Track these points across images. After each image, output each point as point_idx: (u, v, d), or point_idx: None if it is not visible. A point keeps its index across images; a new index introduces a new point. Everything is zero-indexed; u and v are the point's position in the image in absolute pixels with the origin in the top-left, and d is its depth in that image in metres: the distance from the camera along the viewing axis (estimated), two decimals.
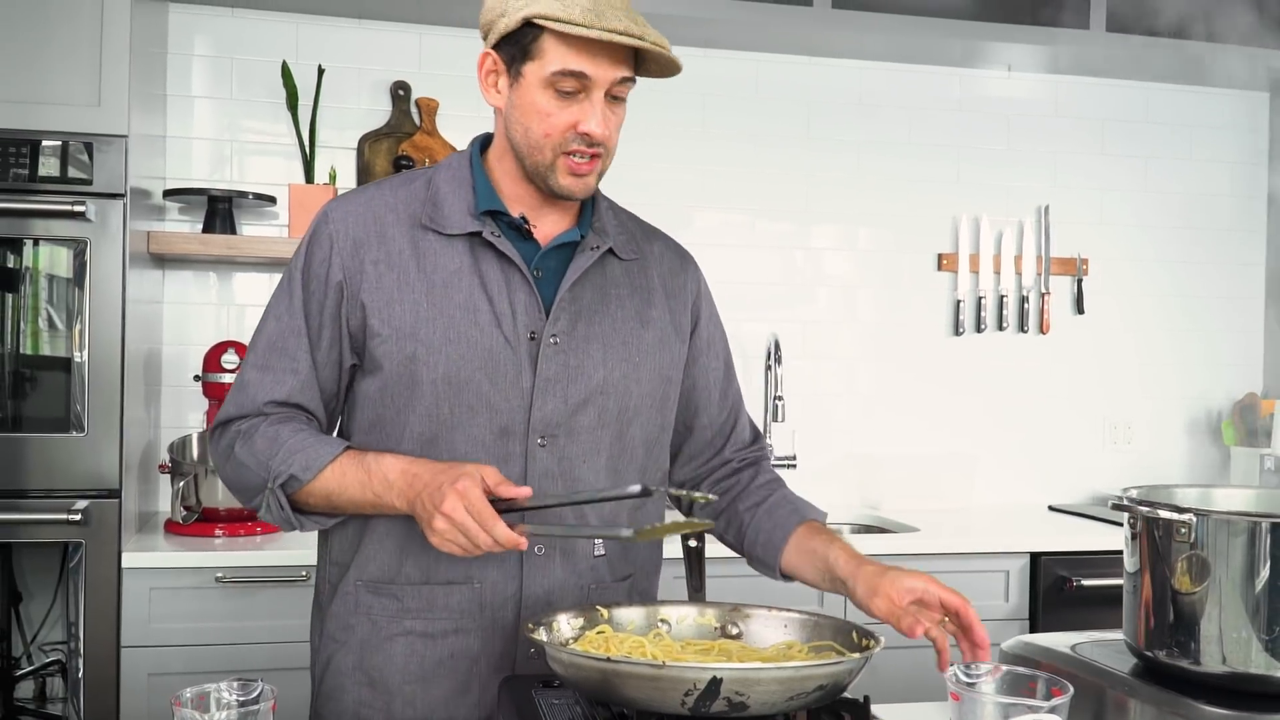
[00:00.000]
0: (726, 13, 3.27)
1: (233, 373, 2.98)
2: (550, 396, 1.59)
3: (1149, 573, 1.46)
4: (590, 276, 1.65)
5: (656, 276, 1.73)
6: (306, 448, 1.55)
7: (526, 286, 1.60)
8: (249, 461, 1.58)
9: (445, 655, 1.61)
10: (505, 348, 1.58)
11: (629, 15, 1.51)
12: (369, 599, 1.64)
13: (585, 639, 1.38)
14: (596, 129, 1.54)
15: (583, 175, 1.58)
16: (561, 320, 1.61)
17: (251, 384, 1.62)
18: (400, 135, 3.34)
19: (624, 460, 1.66)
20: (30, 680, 2.96)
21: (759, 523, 1.72)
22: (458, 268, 1.59)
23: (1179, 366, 3.95)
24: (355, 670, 1.64)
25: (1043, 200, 3.84)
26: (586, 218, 1.69)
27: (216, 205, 3.10)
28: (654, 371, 1.68)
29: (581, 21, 1.47)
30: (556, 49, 1.51)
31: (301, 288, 1.62)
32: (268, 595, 2.69)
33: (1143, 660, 1.50)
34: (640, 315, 1.68)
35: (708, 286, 1.83)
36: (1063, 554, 3.12)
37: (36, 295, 2.69)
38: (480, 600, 1.61)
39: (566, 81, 1.52)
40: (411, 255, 1.59)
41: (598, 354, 1.62)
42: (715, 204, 3.61)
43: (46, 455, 2.65)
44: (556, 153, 1.56)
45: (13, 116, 2.62)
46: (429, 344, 1.57)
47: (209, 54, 3.27)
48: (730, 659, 1.35)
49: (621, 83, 1.55)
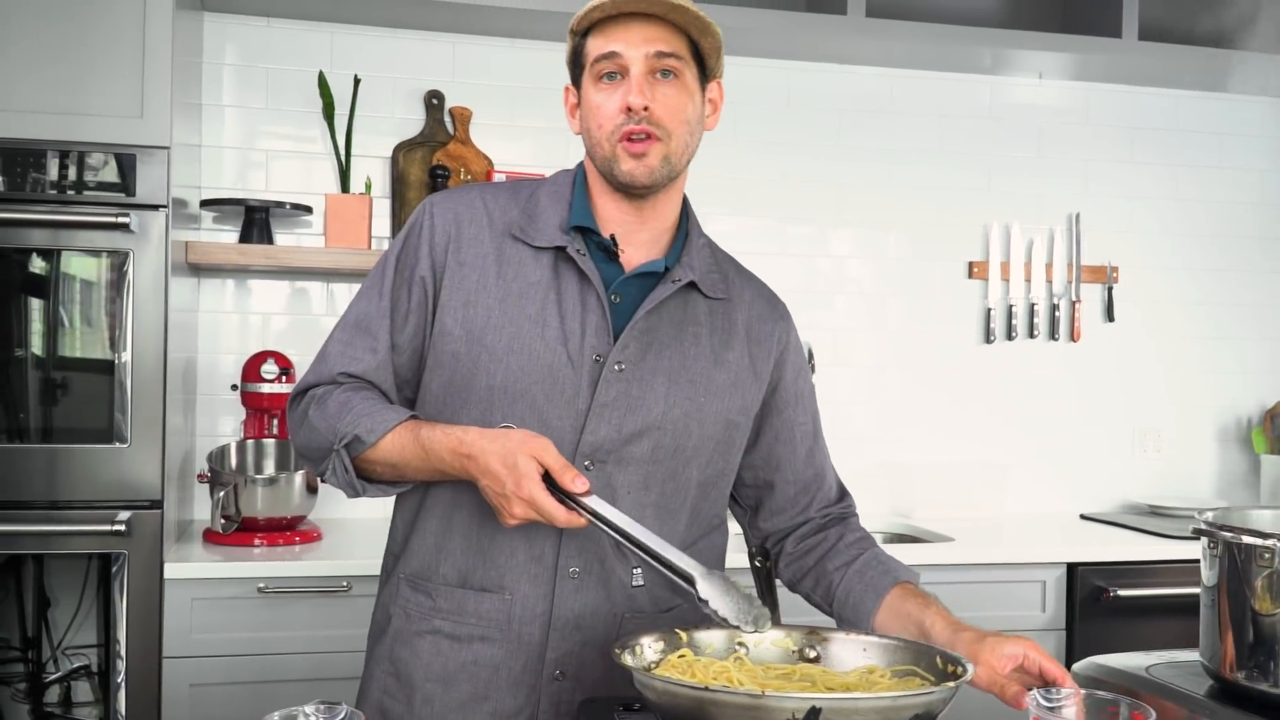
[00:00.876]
0: (760, 21, 3.27)
1: (271, 382, 2.99)
2: (604, 422, 1.58)
3: (1228, 596, 1.46)
4: (668, 308, 1.64)
5: (742, 320, 1.71)
6: (374, 412, 1.57)
7: (600, 309, 1.60)
8: (320, 425, 1.60)
9: (468, 660, 1.62)
10: (567, 366, 1.58)
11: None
12: (408, 592, 1.66)
13: (667, 663, 1.38)
14: (635, 98, 1.55)
15: (640, 155, 1.58)
16: (630, 348, 1.60)
17: (331, 355, 1.66)
18: (434, 144, 3.34)
19: (676, 499, 1.65)
20: (56, 686, 2.96)
21: (849, 583, 1.68)
22: (537, 280, 1.60)
23: (1208, 374, 3.95)
24: (385, 659, 1.67)
25: (1073, 208, 3.84)
26: (677, 249, 1.69)
27: (254, 215, 3.10)
28: (719, 414, 1.66)
29: (597, 3, 1.54)
30: (594, 42, 1.58)
31: (394, 273, 1.65)
32: (309, 605, 2.69)
33: (1220, 683, 1.50)
34: (716, 355, 1.66)
35: (799, 341, 1.81)
36: (1099, 564, 3.12)
37: (78, 306, 2.69)
38: (509, 612, 1.61)
39: (604, 65, 1.57)
40: (495, 261, 1.61)
41: (662, 387, 1.61)
42: (744, 211, 3.61)
43: (89, 466, 2.65)
44: (613, 141, 1.58)
45: (56, 128, 2.62)
46: (492, 351, 1.58)
47: (244, 63, 3.27)
48: (814, 684, 1.35)
49: (660, 57, 1.56)
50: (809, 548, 1.75)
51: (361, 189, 3.27)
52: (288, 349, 3.21)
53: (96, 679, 2.98)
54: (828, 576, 1.71)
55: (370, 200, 3.19)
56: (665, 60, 1.56)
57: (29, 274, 2.67)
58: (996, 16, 3.74)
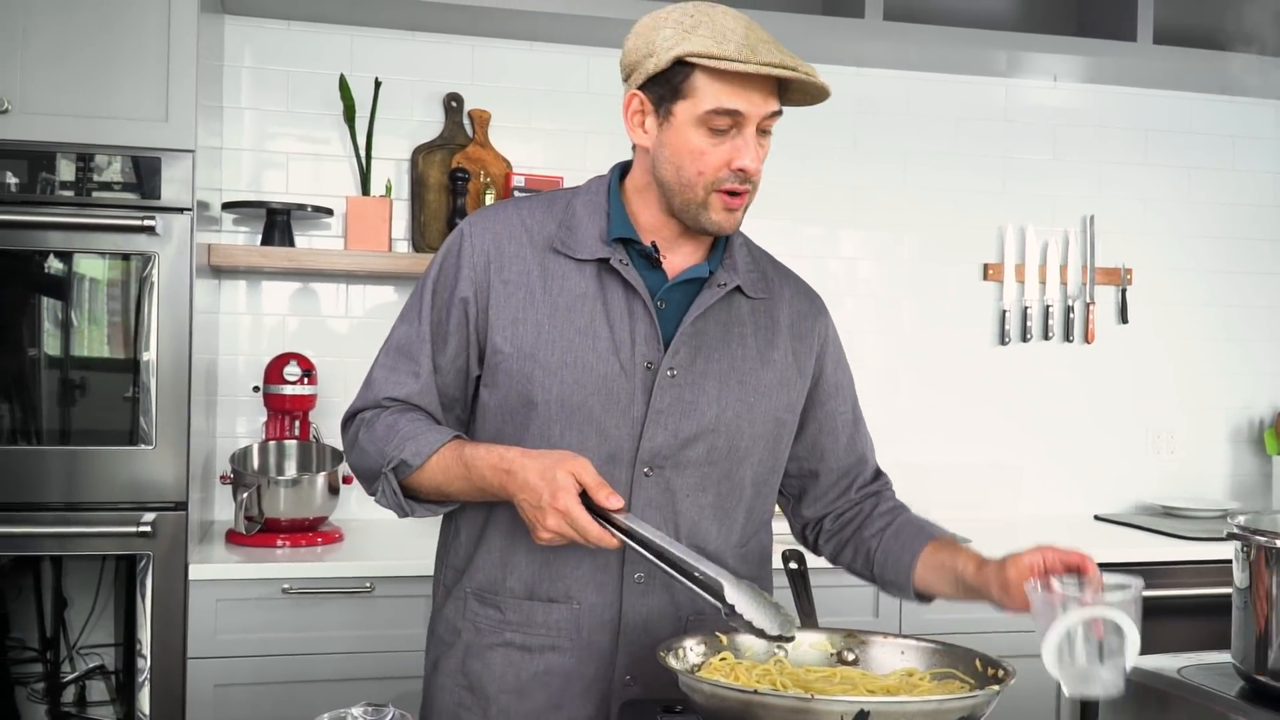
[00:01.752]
0: (778, 24, 3.28)
1: (294, 384, 3.01)
2: (660, 428, 1.61)
3: (1262, 599, 1.47)
4: (714, 312, 1.66)
5: (784, 317, 1.74)
6: (419, 435, 1.59)
7: (648, 317, 1.62)
8: (369, 448, 1.64)
9: (540, 670, 1.64)
10: (620, 375, 1.60)
11: (779, 49, 1.54)
12: (476, 606, 1.68)
13: (710, 665, 1.40)
14: (752, 164, 1.56)
15: (734, 210, 1.60)
16: (681, 353, 1.62)
17: (377, 381, 1.69)
18: (453, 147, 3.35)
19: (732, 499, 1.68)
20: (72, 685, 2.97)
21: (886, 546, 1.72)
22: (582, 292, 1.62)
23: (1221, 375, 3.97)
24: (457, 673, 1.70)
25: (1087, 210, 3.85)
26: (718, 254, 1.70)
27: (275, 218, 3.11)
28: (769, 413, 1.69)
29: (738, 57, 1.49)
30: (710, 86, 1.53)
31: (432, 296, 1.67)
32: (333, 606, 2.71)
33: (1251, 683, 1.52)
34: (762, 355, 1.69)
35: (837, 333, 1.84)
36: (1114, 566, 3.12)
37: (102, 308, 2.71)
38: (578, 621, 1.63)
39: (720, 120, 1.54)
40: (539, 277, 1.62)
41: (713, 390, 1.64)
42: (760, 212, 3.58)
43: (114, 468, 2.66)
44: (709, 190, 1.58)
45: (81, 131, 2.63)
46: (546, 365, 1.60)
47: (263, 66, 3.29)
48: (855, 687, 1.37)
49: (770, 116, 1.57)
50: (846, 521, 1.80)
51: (381, 192, 3.28)
52: (306, 350, 3.23)
53: (113, 679, 2.99)
54: (865, 544, 1.75)
55: (390, 203, 3.21)
56: (771, 119, 1.58)
57: (53, 276, 2.68)
58: (1011, 20, 3.75)
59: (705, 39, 1.50)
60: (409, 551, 2.85)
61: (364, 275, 3.24)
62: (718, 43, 1.50)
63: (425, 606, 2.72)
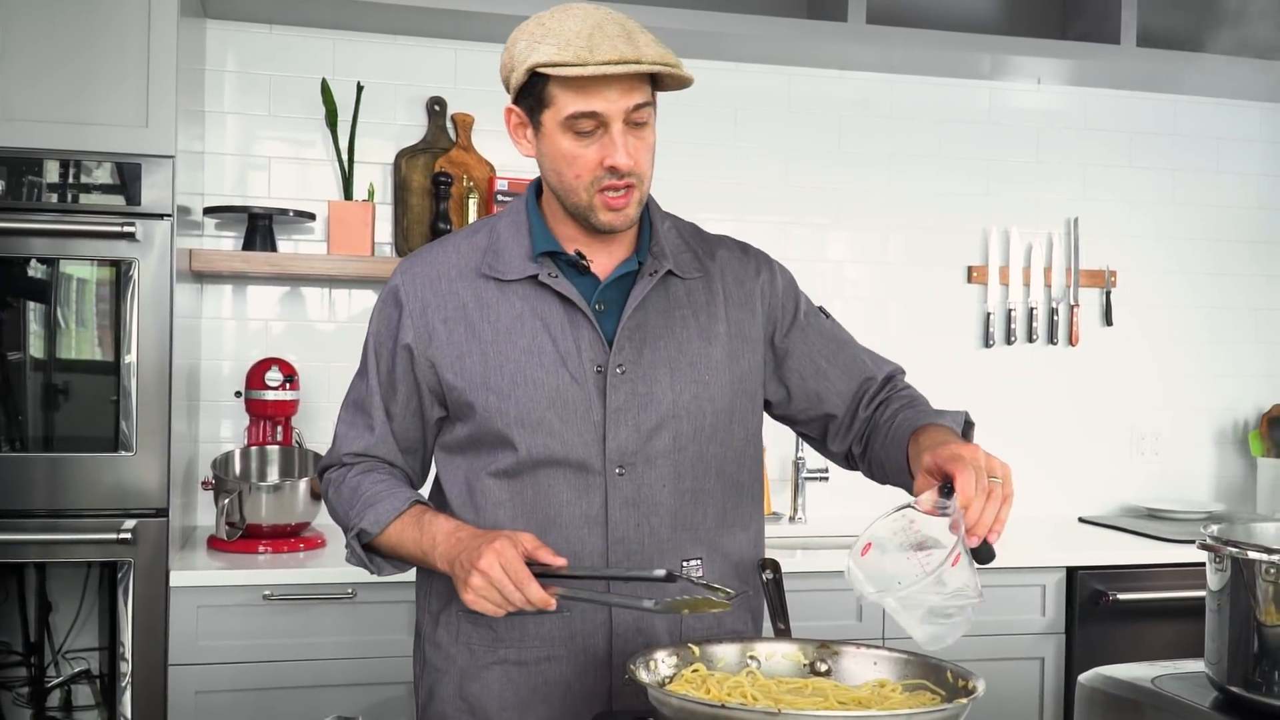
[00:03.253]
0: (761, 28, 3.29)
1: (276, 390, 3.01)
2: (622, 426, 1.63)
3: (1233, 610, 1.47)
4: (652, 302, 1.68)
5: (722, 288, 1.74)
6: (379, 501, 1.65)
7: (587, 322, 1.64)
8: (337, 509, 1.73)
9: (539, 683, 1.66)
10: (572, 385, 1.63)
11: (627, 40, 1.52)
12: (468, 628, 1.70)
13: (682, 678, 1.39)
14: (623, 161, 1.55)
15: (620, 209, 1.60)
16: (626, 349, 1.65)
17: (338, 437, 1.77)
18: (436, 151, 3.35)
19: (709, 479, 1.69)
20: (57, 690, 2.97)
21: (889, 456, 1.69)
22: (519, 313, 1.65)
23: (1206, 378, 3.97)
24: (455, 698, 1.70)
25: (1071, 212, 3.86)
26: (644, 244, 1.71)
27: (257, 222, 3.10)
28: (727, 387, 1.70)
29: (576, 61, 1.48)
30: (564, 93, 1.53)
31: (374, 352, 1.73)
32: (315, 612, 2.70)
33: (1225, 695, 1.52)
34: (706, 332, 1.70)
35: (785, 278, 1.82)
36: (1098, 568, 3.14)
37: (82, 315, 2.70)
38: (571, 629, 1.65)
39: (583, 123, 1.54)
40: (475, 307, 1.66)
41: (665, 378, 1.66)
42: (745, 216, 3.62)
43: (94, 475, 2.66)
44: (591, 192, 1.59)
45: (61, 137, 2.62)
46: (498, 390, 1.63)
47: (245, 70, 3.28)
48: (826, 698, 1.37)
49: (637, 109, 1.55)
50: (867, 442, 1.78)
51: (364, 196, 3.27)
52: (289, 355, 3.22)
53: (98, 683, 2.98)
54: (879, 459, 1.74)
55: (373, 207, 3.20)
56: (641, 111, 1.56)
57: (33, 282, 2.68)
58: (995, 23, 3.76)
59: (550, 47, 1.50)
60: None
61: (347, 279, 3.23)
62: (560, 49, 1.49)
63: (408, 612, 2.72)
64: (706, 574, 1.68)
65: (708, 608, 1.47)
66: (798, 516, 3.57)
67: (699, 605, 1.47)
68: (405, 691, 2.72)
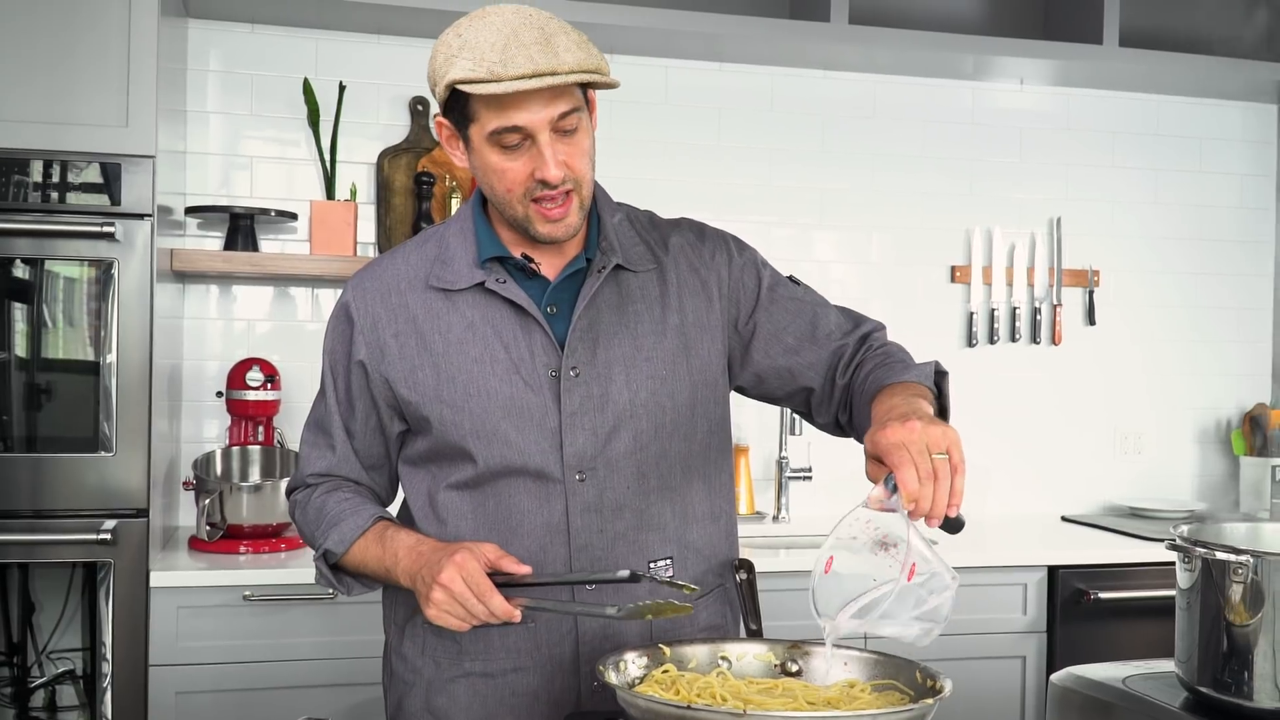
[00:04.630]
0: (744, 28, 3.29)
1: (257, 390, 3.00)
2: (578, 430, 1.60)
3: (1203, 611, 1.48)
4: (604, 298, 1.64)
5: (675, 277, 1.69)
6: (343, 520, 1.63)
7: (539, 326, 1.61)
8: (304, 530, 1.72)
9: (507, 694, 1.64)
10: (526, 391, 1.60)
11: (544, 47, 1.45)
12: (434, 641, 1.68)
13: (651, 679, 1.40)
14: (552, 174, 1.50)
15: (558, 219, 1.55)
16: (579, 350, 1.61)
17: (303, 459, 1.75)
18: (419, 150, 3.35)
19: (676, 475, 1.67)
20: (41, 690, 2.97)
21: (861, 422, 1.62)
22: (470, 321, 1.62)
23: (1189, 377, 3.99)
24: (423, 711, 1.68)
25: (1054, 212, 3.86)
26: (593, 240, 1.67)
27: (239, 222, 3.10)
28: (685, 380, 1.66)
29: (489, 77, 1.42)
30: (484, 110, 1.49)
31: (330, 370, 1.71)
32: (295, 613, 2.70)
33: (1194, 695, 1.52)
34: (661, 325, 1.65)
35: (746, 254, 1.76)
36: (1079, 567, 3.15)
37: (63, 315, 2.70)
38: (536, 639, 1.64)
39: (508, 136, 1.49)
40: (425, 318, 1.63)
41: (620, 377, 1.62)
42: (729, 216, 3.60)
43: (75, 476, 2.66)
44: (525, 203, 1.54)
45: (41, 137, 2.62)
46: (451, 403, 1.61)
47: (228, 69, 3.27)
48: (795, 699, 1.37)
49: (563, 117, 1.50)
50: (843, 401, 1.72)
51: (346, 195, 3.27)
52: (272, 355, 3.22)
53: (81, 683, 2.98)
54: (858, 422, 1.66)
55: (355, 207, 3.20)
56: (569, 118, 1.50)
57: (14, 282, 2.67)
58: (978, 23, 3.76)
59: (465, 62, 1.44)
60: None
61: (330, 279, 3.23)
62: (474, 65, 1.43)
63: None
64: (678, 572, 1.66)
65: (671, 612, 1.46)
66: (781, 515, 3.57)
67: (662, 610, 1.46)
68: None
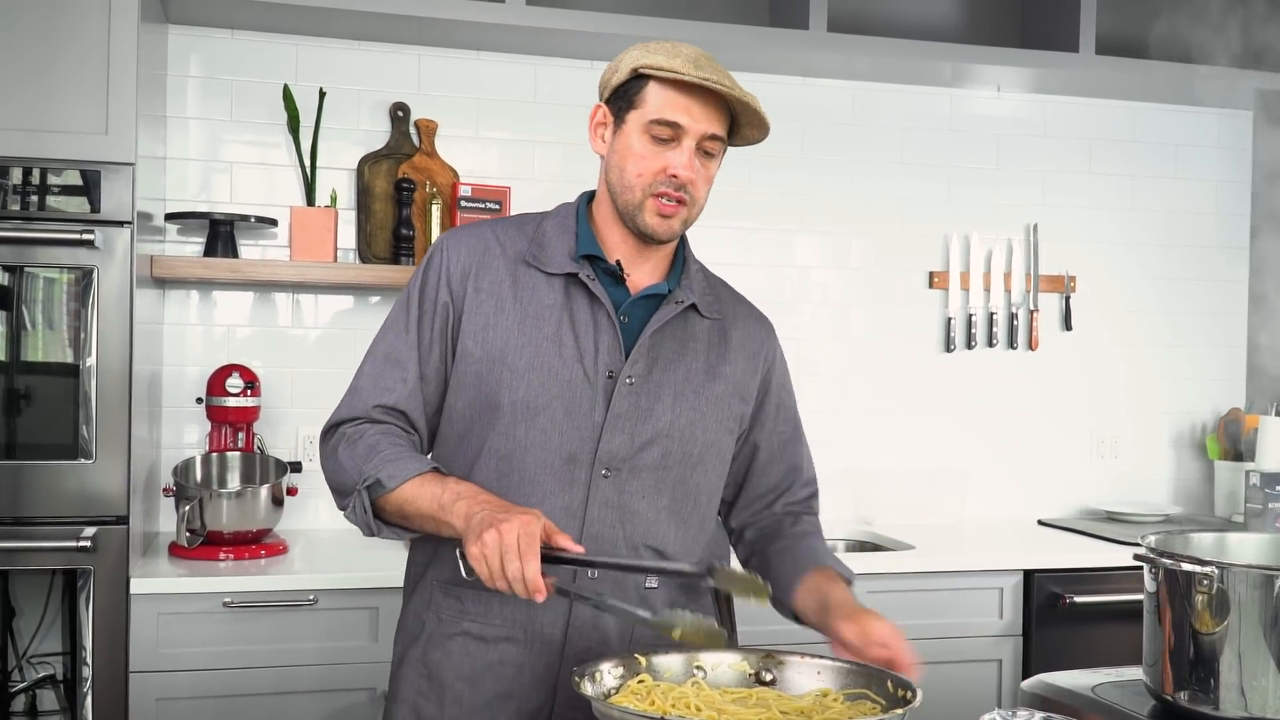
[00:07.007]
0: (724, 36, 3.30)
1: (237, 396, 3.00)
2: (618, 432, 1.70)
3: (1169, 621, 1.50)
4: (671, 327, 1.77)
5: (735, 337, 1.85)
6: (400, 459, 1.66)
7: (612, 328, 1.72)
8: (347, 464, 1.69)
9: (494, 660, 1.72)
10: (583, 381, 1.70)
11: (726, 75, 1.67)
12: (440, 597, 1.76)
13: (627, 689, 1.41)
14: (684, 171, 1.67)
15: (668, 217, 1.71)
16: (639, 363, 1.72)
17: (364, 389, 1.76)
18: (400, 156, 3.35)
19: (686, 505, 1.77)
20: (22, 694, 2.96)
21: (782, 564, 1.80)
22: (551, 303, 1.72)
23: (1164, 382, 4.02)
24: (419, 663, 1.77)
25: (1031, 218, 3.89)
26: (677, 273, 1.82)
27: (218, 228, 3.10)
28: (719, 422, 1.79)
29: (682, 70, 1.63)
30: (657, 98, 1.67)
31: (417, 306, 1.76)
32: (275, 619, 2.70)
33: (1161, 703, 1.55)
34: (713, 369, 1.79)
35: (784, 358, 1.96)
36: (1055, 571, 3.18)
37: (42, 322, 2.69)
38: (531, 614, 1.71)
39: (662, 129, 1.67)
40: (510, 287, 1.73)
41: (668, 399, 1.74)
42: (708, 221, 3.60)
43: (54, 482, 2.65)
44: (646, 193, 1.69)
45: (20, 144, 2.61)
46: (514, 369, 1.69)
47: (208, 75, 3.28)
48: (769, 708, 1.39)
49: (712, 139, 1.69)
50: (762, 533, 1.89)
51: (326, 201, 3.28)
52: (252, 361, 3.22)
53: (62, 688, 2.98)
54: (767, 559, 1.85)
55: (336, 213, 3.20)
56: (713, 143, 1.70)
57: None
58: (956, 31, 3.79)
59: (660, 56, 1.66)
60: (352, 564, 2.86)
61: (310, 285, 3.23)
62: (669, 58, 1.65)
63: (369, 619, 2.73)
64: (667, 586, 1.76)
65: (700, 638, 1.47)
66: None
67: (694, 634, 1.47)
68: (366, 698, 2.73)
